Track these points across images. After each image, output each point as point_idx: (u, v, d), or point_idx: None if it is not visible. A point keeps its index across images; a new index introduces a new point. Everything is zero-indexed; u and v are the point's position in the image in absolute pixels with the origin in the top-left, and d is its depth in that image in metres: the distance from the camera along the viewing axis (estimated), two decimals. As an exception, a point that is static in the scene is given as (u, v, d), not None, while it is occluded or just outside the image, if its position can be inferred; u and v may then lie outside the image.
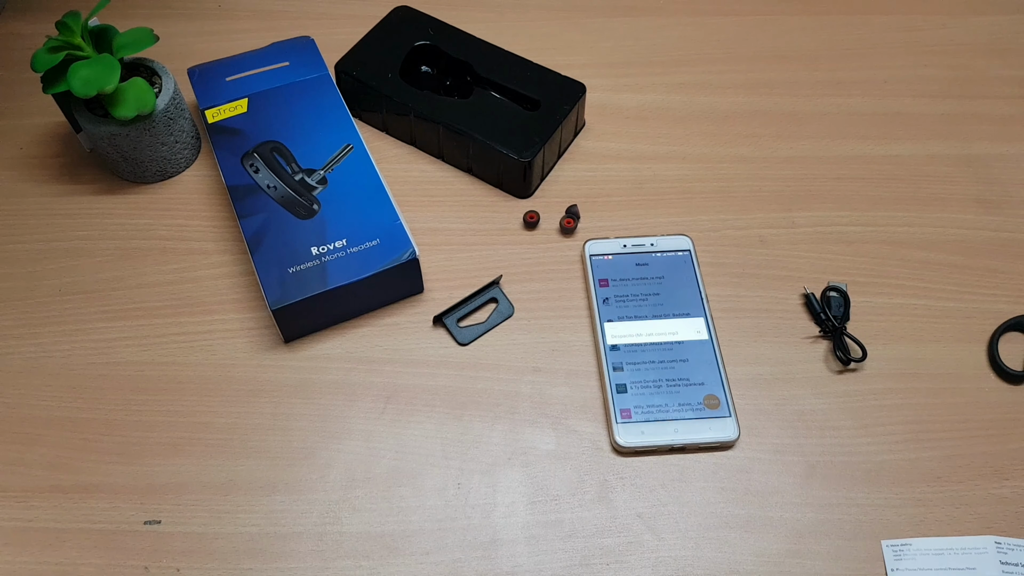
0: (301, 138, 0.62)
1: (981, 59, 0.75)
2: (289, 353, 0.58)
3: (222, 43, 0.73)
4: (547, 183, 0.66)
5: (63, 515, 0.51)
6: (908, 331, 0.59)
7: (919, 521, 0.51)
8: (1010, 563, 0.50)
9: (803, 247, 0.63)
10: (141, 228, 0.64)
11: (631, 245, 0.62)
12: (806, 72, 0.74)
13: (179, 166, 0.66)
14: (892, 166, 0.68)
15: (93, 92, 0.56)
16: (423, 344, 0.58)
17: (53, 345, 0.58)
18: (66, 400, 0.56)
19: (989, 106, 0.72)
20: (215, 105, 0.64)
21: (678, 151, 0.69)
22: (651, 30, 0.77)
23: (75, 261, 0.62)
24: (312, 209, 0.59)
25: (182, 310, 0.60)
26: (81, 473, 0.53)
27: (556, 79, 0.67)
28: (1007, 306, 0.60)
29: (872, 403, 0.56)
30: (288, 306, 0.55)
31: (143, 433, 0.54)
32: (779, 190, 0.66)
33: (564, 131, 0.66)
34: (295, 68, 0.67)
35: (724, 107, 0.71)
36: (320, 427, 0.55)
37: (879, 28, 0.78)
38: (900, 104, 0.72)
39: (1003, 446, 0.54)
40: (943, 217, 0.65)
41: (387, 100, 0.66)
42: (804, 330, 0.59)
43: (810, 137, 0.70)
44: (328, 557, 0.50)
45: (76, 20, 0.58)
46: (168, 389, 0.56)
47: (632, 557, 0.50)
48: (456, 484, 0.53)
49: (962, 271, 0.62)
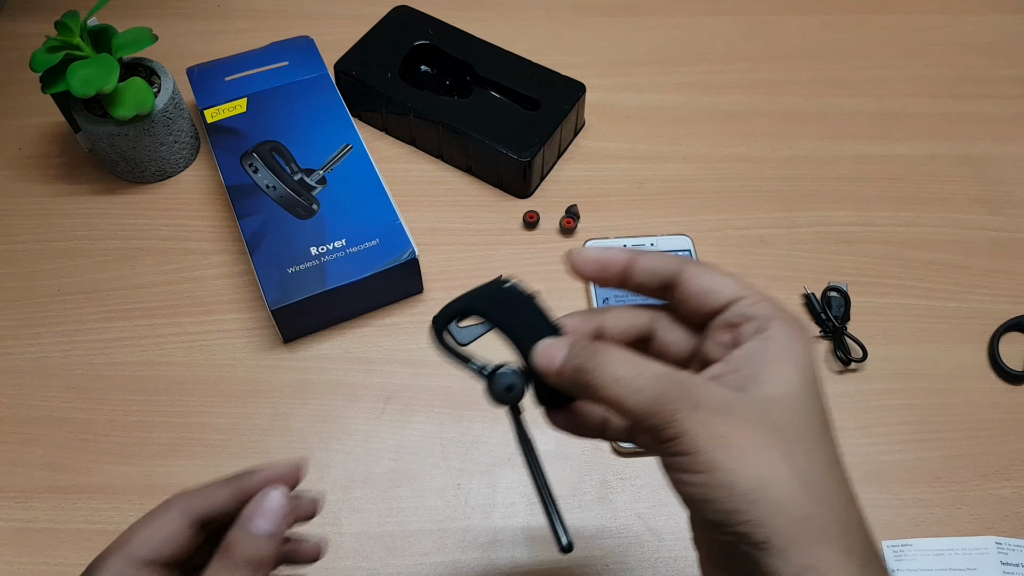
0: (300, 138, 0.62)
1: (982, 59, 0.75)
2: (288, 353, 0.58)
3: (221, 43, 0.73)
4: (547, 183, 0.66)
5: (62, 515, 0.51)
6: (909, 331, 0.59)
7: (920, 521, 0.51)
8: (1011, 563, 0.50)
9: (803, 247, 0.63)
10: (140, 228, 0.64)
11: (631, 245, 0.61)
12: (807, 72, 0.74)
13: (178, 166, 0.66)
14: (893, 166, 0.68)
15: (92, 92, 0.56)
16: (423, 344, 0.58)
17: (52, 345, 0.58)
18: (65, 400, 0.56)
19: (990, 106, 0.72)
20: (214, 105, 0.64)
21: (678, 151, 0.68)
22: (651, 30, 0.77)
23: (74, 261, 0.62)
24: (311, 209, 0.59)
25: (181, 310, 0.59)
26: (80, 473, 0.53)
27: (556, 79, 0.67)
28: (1008, 306, 0.60)
29: (872, 403, 0.56)
30: (287, 306, 0.54)
31: (142, 433, 0.54)
32: (779, 190, 0.66)
33: (564, 131, 0.66)
34: (294, 68, 0.67)
35: (724, 107, 0.71)
36: (319, 427, 0.55)
37: (880, 28, 0.77)
38: (901, 104, 0.72)
39: (1004, 446, 0.54)
40: (944, 217, 0.65)
41: (386, 100, 0.66)
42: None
43: (811, 137, 0.69)
44: (327, 558, 0.50)
45: (75, 20, 0.58)
46: (167, 389, 0.56)
47: (632, 558, 0.50)
48: (456, 485, 0.53)
49: (963, 271, 0.62)
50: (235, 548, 0.31)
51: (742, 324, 0.31)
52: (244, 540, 0.31)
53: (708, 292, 0.32)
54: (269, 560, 0.32)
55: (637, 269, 0.34)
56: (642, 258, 0.34)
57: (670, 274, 0.33)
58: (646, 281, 0.34)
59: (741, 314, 0.31)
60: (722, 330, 0.32)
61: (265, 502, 0.32)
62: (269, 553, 0.32)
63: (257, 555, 0.31)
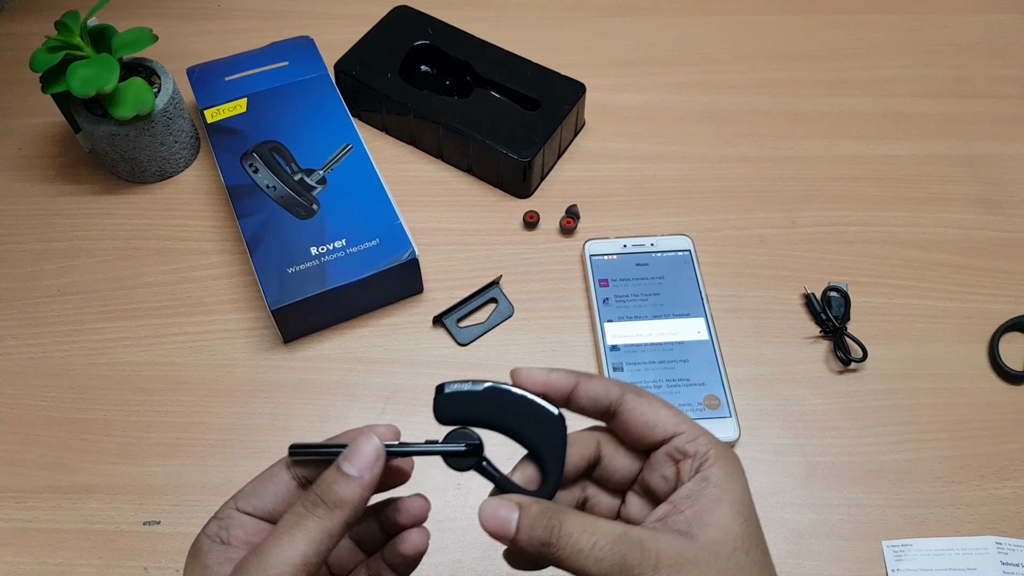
0: (300, 138, 0.62)
1: (982, 59, 0.75)
2: (288, 353, 0.58)
3: (221, 43, 0.73)
4: (547, 183, 0.66)
5: (62, 516, 0.51)
6: (909, 331, 0.59)
7: (920, 521, 0.51)
8: (1011, 563, 0.50)
9: (804, 247, 0.63)
10: (140, 228, 0.64)
11: (631, 245, 0.61)
12: (807, 71, 0.74)
13: (178, 166, 0.66)
14: (893, 166, 0.68)
15: (92, 92, 0.56)
16: (423, 344, 0.58)
17: (52, 345, 0.58)
18: (65, 400, 0.56)
19: (990, 106, 0.72)
20: (214, 105, 0.64)
21: (678, 151, 0.68)
22: (651, 29, 0.77)
23: (74, 261, 0.62)
24: (311, 209, 0.59)
25: (181, 310, 0.59)
26: (80, 474, 0.53)
27: (556, 79, 0.67)
28: (1008, 306, 0.60)
29: (873, 403, 0.56)
30: (287, 306, 0.54)
31: (142, 434, 0.54)
32: (780, 190, 0.66)
33: (564, 131, 0.66)
34: (294, 68, 0.67)
35: (724, 106, 0.71)
36: (319, 428, 0.55)
37: (880, 27, 0.77)
38: (901, 104, 0.72)
39: (1004, 446, 0.54)
40: (944, 217, 0.65)
41: (386, 100, 0.66)
42: (804, 330, 0.59)
43: (811, 137, 0.69)
44: (327, 558, 0.50)
45: (75, 20, 0.58)
46: (167, 390, 0.56)
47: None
48: (456, 485, 0.53)
49: (963, 271, 0.62)
50: (321, 485, 0.32)
51: (681, 461, 0.33)
52: (330, 478, 0.32)
53: (647, 426, 0.34)
54: (352, 504, 0.32)
55: (579, 394, 0.35)
56: (585, 384, 0.35)
57: (611, 403, 0.35)
58: (588, 407, 0.35)
59: (680, 450, 0.33)
60: (663, 463, 0.34)
61: (357, 446, 0.32)
62: (353, 496, 0.32)
63: (340, 495, 0.31)
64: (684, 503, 0.32)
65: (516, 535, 0.32)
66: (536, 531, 0.31)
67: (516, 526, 0.32)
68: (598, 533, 0.31)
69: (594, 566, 0.30)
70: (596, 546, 0.30)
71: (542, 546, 0.31)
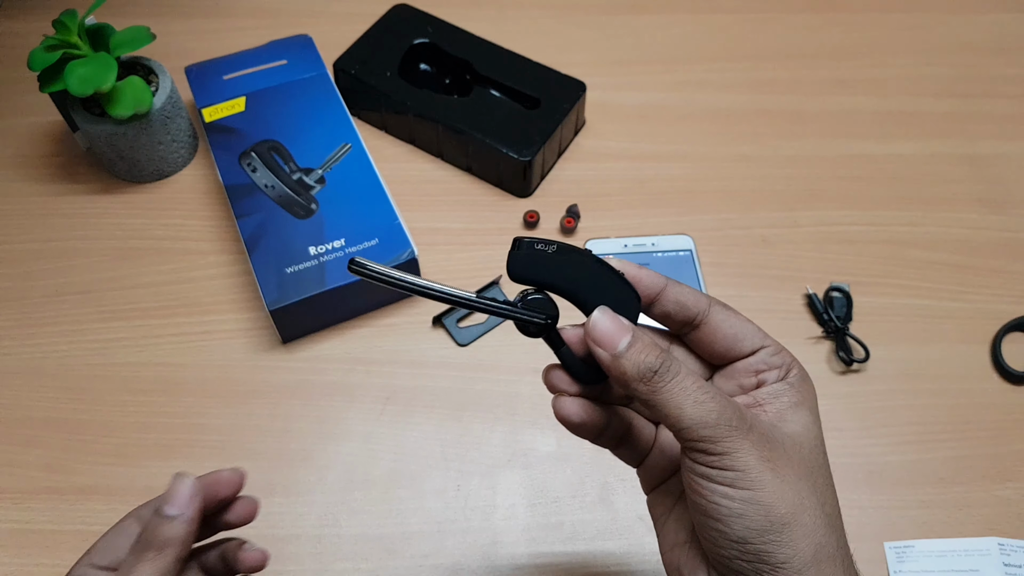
0: (299, 137, 0.62)
1: (985, 58, 0.75)
2: (287, 354, 0.57)
3: (220, 41, 0.73)
4: (547, 182, 0.66)
5: (60, 517, 0.51)
6: (911, 331, 0.59)
7: (922, 523, 0.51)
8: (1013, 564, 0.49)
9: (805, 247, 0.63)
10: (138, 228, 0.63)
11: (632, 245, 0.61)
12: (808, 70, 0.74)
13: (176, 165, 0.66)
14: (895, 165, 0.67)
15: (90, 91, 0.56)
16: (422, 345, 0.58)
17: (49, 346, 0.58)
18: (62, 401, 0.55)
19: (992, 105, 0.71)
20: (212, 104, 0.64)
21: (679, 150, 0.68)
22: (652, 28, 0.76)
23: (71, 261, 0.62)
24: (310, 209, 0.58)
25: (179, 311, 0.59)
26: (78, 475, 0.53)
27: (556, 77, 0.66)
28: (1010, 306, 0.60)
29: (875, 404, 0.56)
30: (286, 307, 0.54)
31: (140, 434, 0.54)
32: (781, 189, 0.66)
33: (564, 130, 0.65)
34: (293, 66, 0.66)
35: (726, 106, 0.71)
36: (318, 428, 0.54)
37: (882, 26, 0.77)
38: (903, 103, 0.71)
39: (1006, 447, 0.54)
40: (946, 217, 0.64)
41: (386, 99, 0.66)
42: (807, 330, 0.59)
43: (812, 136, 0.69)
44: (326, 560, 0.50)
45: (73, 19, 0.58)
46: (165, 390, 0.56)
47: (633, 560, 0.50)
48: (456, 486, 0.52)
49: (965, 271, 0.62)
50: (146, 531, 0.34)
51: (765, 371, 0.34)
52: (154, 523, 0.34)
53: (736, 338, 0.34)
54: (177, 541, 0.33)
55: (667, 296, 0.34)
56: (675, 287, 0.34)
57: (699, 312, 0.34)
58: (673, 312, 0.34)
59: (766, 362, 0.34)
60: (742, 374, 0.34)
61: (173, 488, 0.34)
62: (178, 535, 0.33)
63: (166, 536, 0.33)
64: (767, 400, 0.33)
65: (627, 350, 0.31)
66: (648, 356, 0.31)
67: (629, 344, 0.31)
68: (704, 382, 0.31)
69: (692, 409, 0.30)
70: (701, 389, 0.30)
71: (645, 373, 0.31)
